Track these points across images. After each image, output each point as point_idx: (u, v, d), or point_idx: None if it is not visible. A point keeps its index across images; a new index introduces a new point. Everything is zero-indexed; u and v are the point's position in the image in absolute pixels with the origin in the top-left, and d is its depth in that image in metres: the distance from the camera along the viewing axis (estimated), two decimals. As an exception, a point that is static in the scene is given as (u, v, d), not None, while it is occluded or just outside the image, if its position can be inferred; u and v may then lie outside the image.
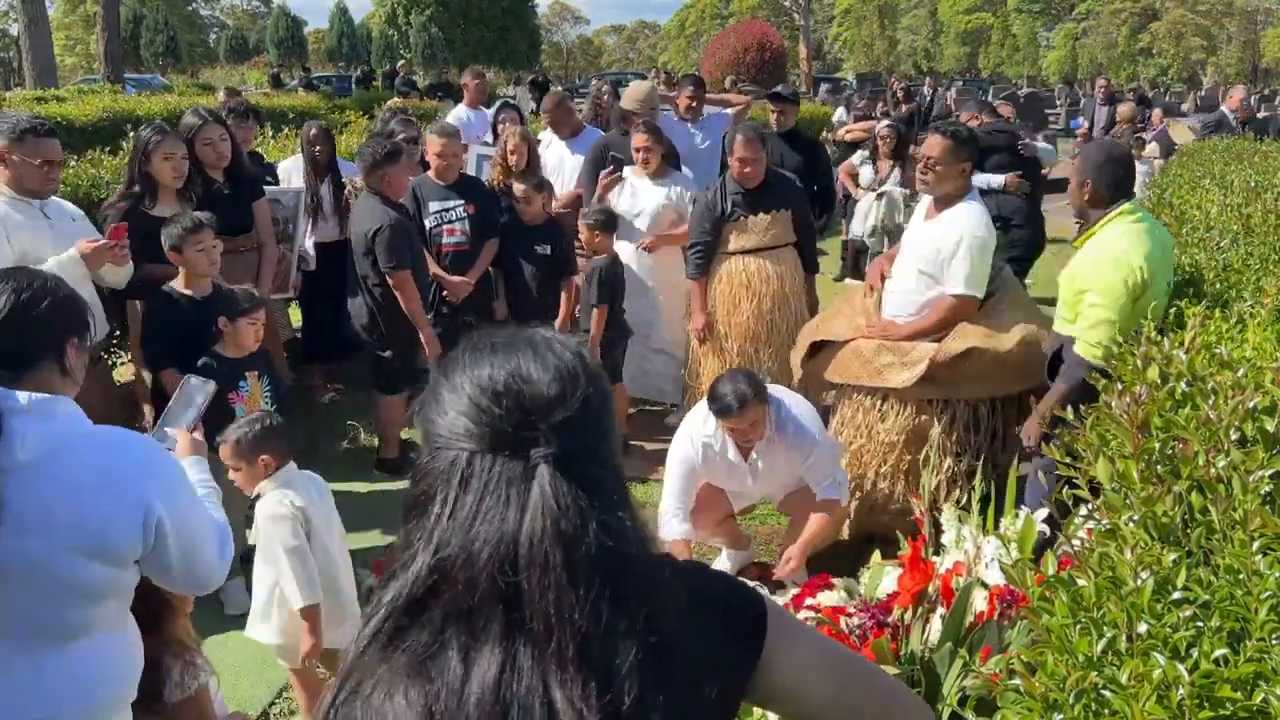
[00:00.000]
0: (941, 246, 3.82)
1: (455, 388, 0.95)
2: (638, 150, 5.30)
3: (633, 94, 5.83)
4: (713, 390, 3.46)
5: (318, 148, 5.56)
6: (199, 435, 2.45)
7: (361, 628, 0.95)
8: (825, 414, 4.07)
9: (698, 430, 3.61)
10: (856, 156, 8.23)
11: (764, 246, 4.93)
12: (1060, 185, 13.07)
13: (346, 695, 0.93)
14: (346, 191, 5.69)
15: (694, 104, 6.28)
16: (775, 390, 3.63)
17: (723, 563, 3.99)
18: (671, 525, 3.56)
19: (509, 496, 0.90)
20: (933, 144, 3.85)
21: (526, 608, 0.88)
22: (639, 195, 5.36)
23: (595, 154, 5.71)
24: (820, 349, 4.21)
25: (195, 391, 2.52)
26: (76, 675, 1.82)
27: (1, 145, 3.44)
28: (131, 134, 6.51)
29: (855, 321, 4.15)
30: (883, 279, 4.17)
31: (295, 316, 5.99)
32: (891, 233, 7.09)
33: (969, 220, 3.80)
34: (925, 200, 4.08)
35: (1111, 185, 3.35)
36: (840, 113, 13.17)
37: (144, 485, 1.80)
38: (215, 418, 3.62)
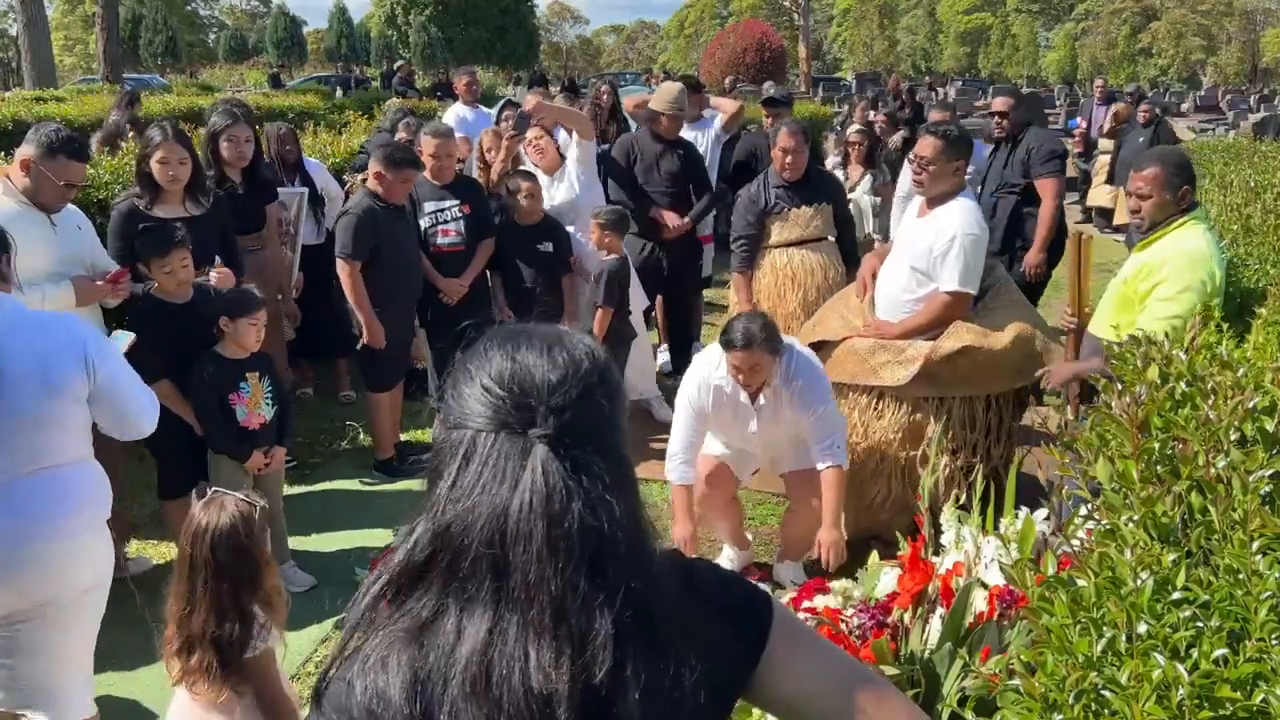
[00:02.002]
0: (934, 244, 3.84)
1: (470, 374, 1.02)
2: (530, 144, 5.41)
3: (662, 95, 5.85)
4: (728, 324, 3.50)
5: (286, 147, 5.60)
6: None
7: (364, 591, 1.02)
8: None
9: (709, 372, 3.62)
10: (829, 161, 7.69)
11: (806, 239, 5.01)
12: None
13: (345, 657, 1.00)
14: (348, 186, 5.69)
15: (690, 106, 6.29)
16: (792, 342, 3.64)
17: (723, 563, 3.99)
18: (677, 469, 3.63)
19: (505, 472, 0.96)
20: (925, 145, 3.91)
21: (511, 577, 0.94)
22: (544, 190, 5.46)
23: (620, 151, 5.84)
24: (818, 349, 4.22)
25: (119, 340, 3.11)
26: (46, 495, 2.38)
27: (31, 154, 3.37)
28: (131, 134, 6.51)
29: (850, 321, 4.17)
30: (873, 278, 4.19)
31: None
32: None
33: (962, 218, 3.82)
34: (918, 199, 4.13)
35: (1193, 188, 3.37)
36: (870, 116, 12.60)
37: (75, 332, 2.44)
38: (216, 420, 3.64)
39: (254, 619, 2.26)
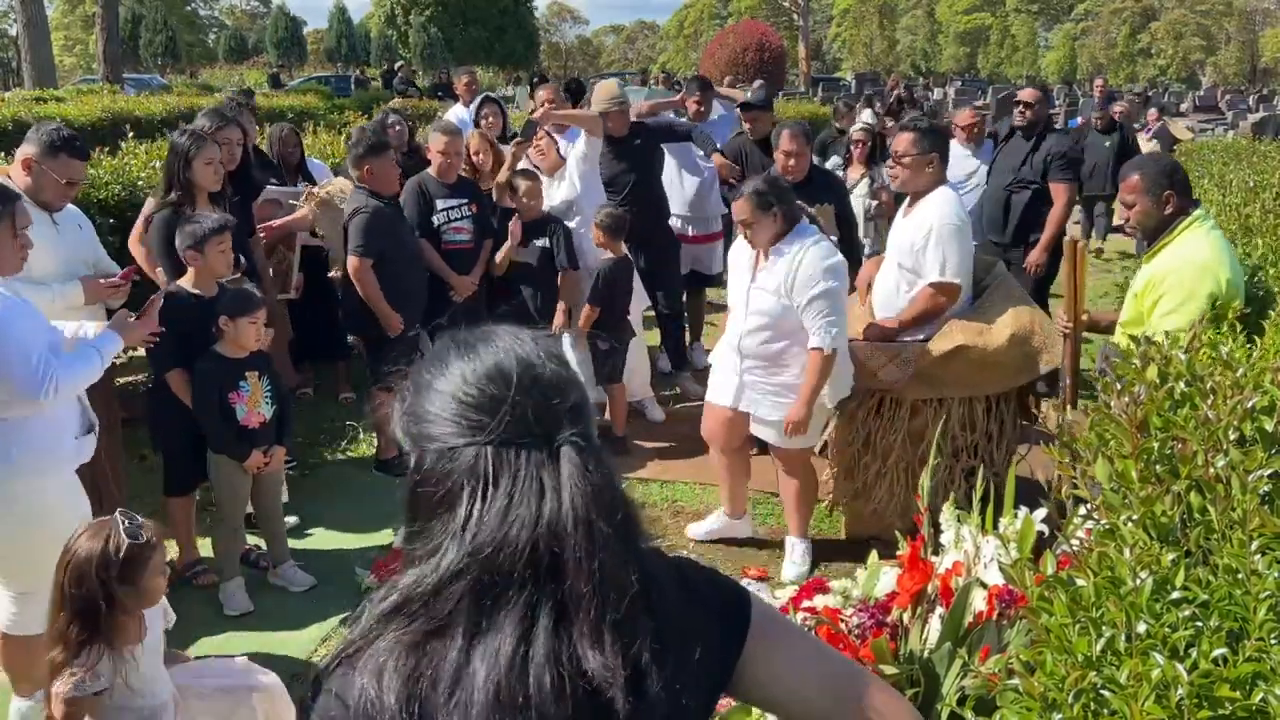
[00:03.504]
0: (915, 238, 3.86)
1: (454, 386, 0.97)
2: (535, 146, 5.42)
3: (600, 95, 5.72)
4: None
5: (289, 148, 5.57)
6: (132, 320, 3.11)
7: (373, 605, 0.98)
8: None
9: None
10: (831, 161, 7.42)
11: None
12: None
13: (341, 664, 0.97)
14: (305, 199, 5.54)
15: (702, 108, 6.27)
16: (812, 229, 3.76)
17: (711, 522, 4.13)
18: None
19: (541, 481, 0.94)
20: (899, 139, 3.96)
21: (568, 578, 0.92)
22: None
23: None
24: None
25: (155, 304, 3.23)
26: None
27: (32, 153, 3.39)
28: (130, 134, 6.51)
29: (853, 327, 4.16)
30: (869, 287, 4.20)
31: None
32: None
33: (939, 208, 3.83)
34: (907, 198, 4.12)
35: (1186, 191, 3.33)
36: (867, 115, 12.24)
37: None
38: (216, 419, 3.64)
39: (73, 654, 2.15)
